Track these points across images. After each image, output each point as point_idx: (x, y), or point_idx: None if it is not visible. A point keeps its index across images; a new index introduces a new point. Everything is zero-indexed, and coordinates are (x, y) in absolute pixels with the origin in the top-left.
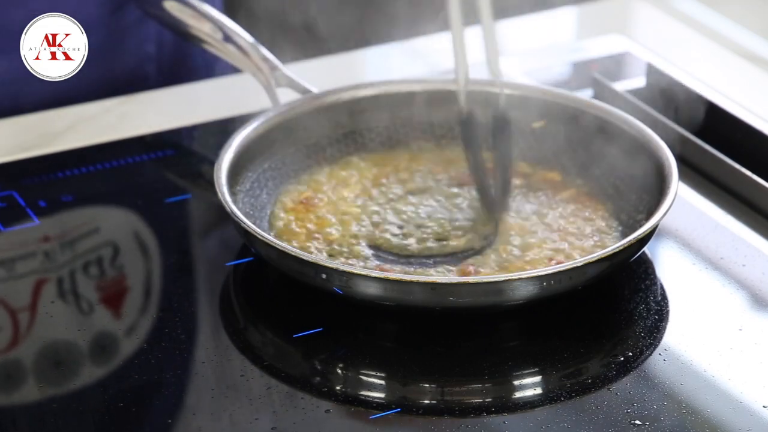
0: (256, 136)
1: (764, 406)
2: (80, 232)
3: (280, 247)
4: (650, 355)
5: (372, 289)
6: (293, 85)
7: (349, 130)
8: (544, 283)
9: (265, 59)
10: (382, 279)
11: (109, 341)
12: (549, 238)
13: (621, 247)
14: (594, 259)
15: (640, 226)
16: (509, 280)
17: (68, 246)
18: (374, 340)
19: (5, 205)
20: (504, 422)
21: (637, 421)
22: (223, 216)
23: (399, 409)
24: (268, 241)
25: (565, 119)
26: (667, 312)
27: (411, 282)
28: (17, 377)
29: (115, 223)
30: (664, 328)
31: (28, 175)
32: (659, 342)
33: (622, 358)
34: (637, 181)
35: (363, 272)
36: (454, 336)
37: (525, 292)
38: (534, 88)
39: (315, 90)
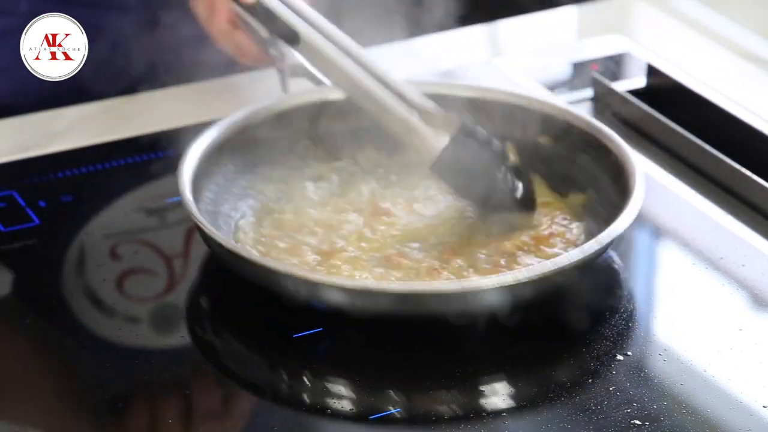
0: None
1: (764, 406)
2: None
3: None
4: (650, 355)
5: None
6: (308, 74)
7: (320, 133)
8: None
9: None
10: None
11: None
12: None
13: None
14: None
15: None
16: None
17: None
18: (374, 340)
19: (5, 205)
20: (504, 422)
21: (637, 421)
22: None
23: (399, 410)
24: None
25: (532, 125)
26: (668, 312)
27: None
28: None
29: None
30: (664, 328)
31: (28, 175)
32: (659, 342)
33: (621, 358)
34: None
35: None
36: (454, 336)
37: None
38: (492, 90)
39: (328, 82)
